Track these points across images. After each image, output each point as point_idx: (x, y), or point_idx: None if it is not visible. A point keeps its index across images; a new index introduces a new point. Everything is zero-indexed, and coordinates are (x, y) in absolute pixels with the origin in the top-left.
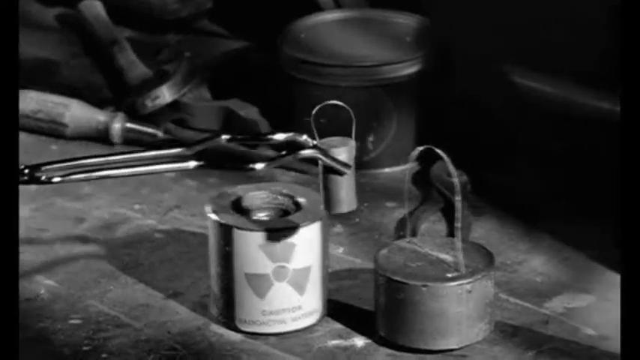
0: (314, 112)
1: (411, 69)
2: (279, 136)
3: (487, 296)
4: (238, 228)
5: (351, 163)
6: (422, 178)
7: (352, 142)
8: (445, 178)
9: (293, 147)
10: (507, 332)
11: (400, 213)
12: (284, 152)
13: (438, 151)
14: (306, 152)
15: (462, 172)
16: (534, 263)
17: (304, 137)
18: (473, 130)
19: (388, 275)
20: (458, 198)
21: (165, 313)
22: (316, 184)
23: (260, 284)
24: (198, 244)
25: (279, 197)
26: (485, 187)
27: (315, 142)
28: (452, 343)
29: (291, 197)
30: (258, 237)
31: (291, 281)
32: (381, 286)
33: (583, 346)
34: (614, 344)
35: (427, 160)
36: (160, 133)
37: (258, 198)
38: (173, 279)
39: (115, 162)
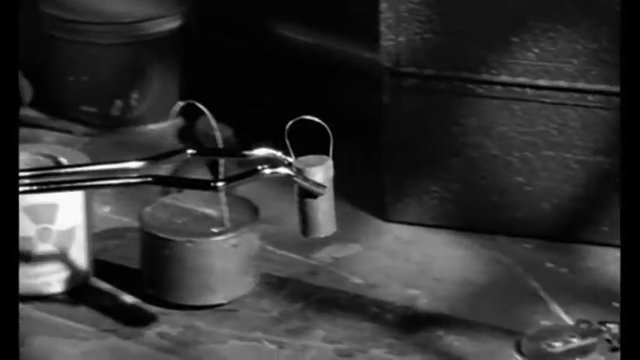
0: (287, 127)
1: (172, 24)
2: (254, 152)
3: (253, 249)
4: None
5: (328, 183)
6: (188, 134)
7: (329, 162)
8: (210, 132)
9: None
10: (275, 284)
11: (166, 169)
12: (257, 168)
13: (200, 105)
14: (278, 170)
15: (227, 125)
16: None
17: (279, 154)
18: (238, 84)
19: (153, 232)
20: None
21: None
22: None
23: (24, 247)
24: None
25: (41, 158)
26: (253, 142)
27: (290, 160)
28: (219, 298)
29: (54, 158)
30: (19, 199)
31: (56, 243)
32: (146, 244)
33: (351, 294)
34: (381, 292)
35: (192, 115)
36: None
37: (19, 160)
38: None
39: (71, 174)
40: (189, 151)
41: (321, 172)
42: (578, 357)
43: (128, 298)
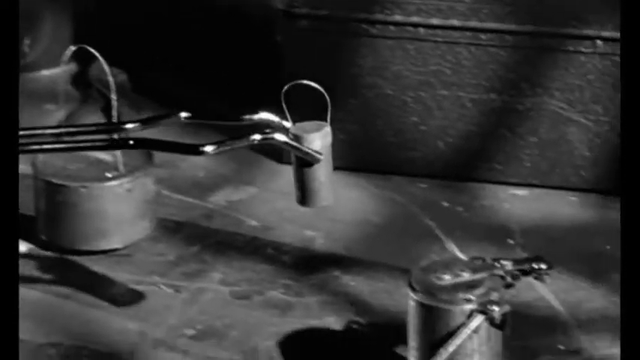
0: (284, 90)
1: None
2: (249, 117)
3: (148, 194)
4: None
5: (326, 150)
6: (81, 79)
7: (327, 128)
8: (104, 77)
9: (260, 129)
10: (171, 228)
11: (60, 115)
12: (249, 133)
13: (92, 50)
14: (273, 136)
15: (122, 70)
16: (196, 158)
17: (277, 120)
18: (132, 28)
19: (46, 179)
20: (114, 96)
21: None
22: None
23: None
24: None
25: None
26: (147, 86)
27: (287, 125)
28: (115, 243)
29: None
30: None
31: None
32: (40, 191)
33: (247, 237)
34: (277, 233)
35: (85, 60)
36: None
37: None
38: None
39: (65, 134)
40: (183, 115)
41: (318, 138)
42: (466, 291)
43: (23, 245)
